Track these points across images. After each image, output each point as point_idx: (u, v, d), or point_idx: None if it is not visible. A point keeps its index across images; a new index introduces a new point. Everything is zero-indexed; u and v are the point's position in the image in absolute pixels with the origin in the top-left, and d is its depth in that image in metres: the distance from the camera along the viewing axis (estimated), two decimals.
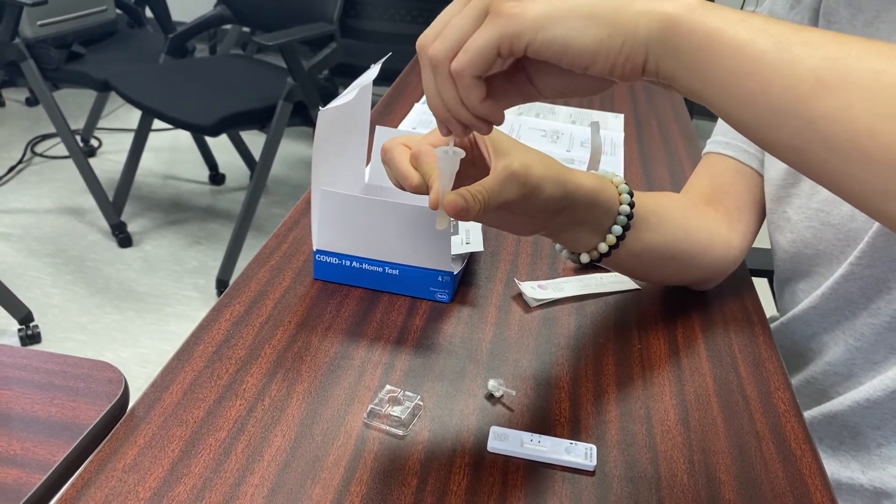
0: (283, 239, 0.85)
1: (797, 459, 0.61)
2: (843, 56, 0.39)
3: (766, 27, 0.42)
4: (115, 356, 1.97)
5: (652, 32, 0.44)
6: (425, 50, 0.48)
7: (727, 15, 0.43)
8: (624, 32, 0.44)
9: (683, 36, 0.44)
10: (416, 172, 0.58)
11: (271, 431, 0.59)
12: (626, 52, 0.45)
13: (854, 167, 0.39)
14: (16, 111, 3.34)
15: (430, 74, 0.49)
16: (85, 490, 0.53)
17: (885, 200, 0.39)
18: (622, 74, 0.46)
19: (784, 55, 0.41)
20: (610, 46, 0.45)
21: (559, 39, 0.45)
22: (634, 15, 0.45)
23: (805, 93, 0.40)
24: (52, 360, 0.66)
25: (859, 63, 0.39)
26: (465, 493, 0.55)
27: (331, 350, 0.69)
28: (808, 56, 0.40)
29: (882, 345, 0.71)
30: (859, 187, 0.40)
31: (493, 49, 0.46)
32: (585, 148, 1.15)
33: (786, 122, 0.41)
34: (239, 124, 2.29)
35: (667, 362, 0.71)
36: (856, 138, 0.38)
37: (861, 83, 0.39)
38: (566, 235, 0.66)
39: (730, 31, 0.42)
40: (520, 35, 0.45)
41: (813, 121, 0.40)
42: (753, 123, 0.43)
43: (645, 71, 0.46)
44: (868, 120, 0.38)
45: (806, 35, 0.41)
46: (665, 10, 0.44)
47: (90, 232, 2.51)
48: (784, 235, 0.80)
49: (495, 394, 0.64)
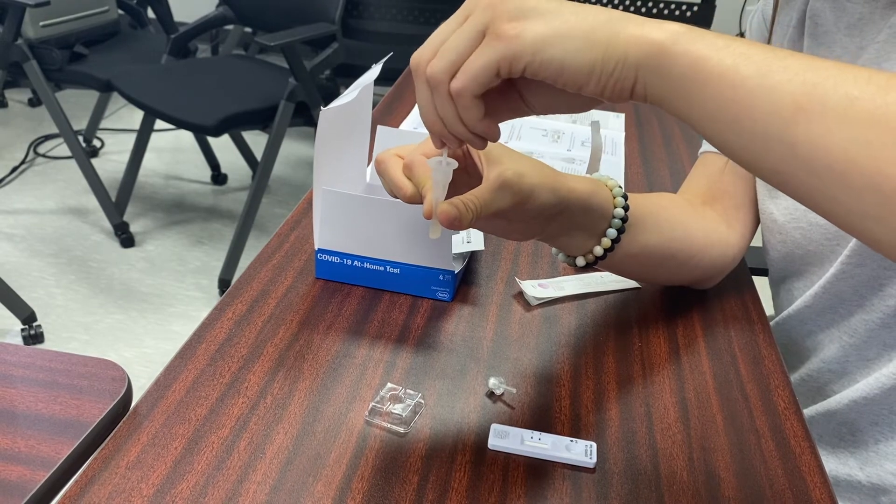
0: (285, 238, 0.85)
1: (796, 457, 0.61)
2: (821, 82, 0.41)
3: (748, 53, 0.43)
4: (118, 356, 1.97)
5: (641, 58, 0.46)
6: (421, 67, 0.49)
7: (713, 41, 0.45)
8: (616, 57, 0.46)
9: (670, 62, 0.45)
10: (409, 183, 0.59)
11: (273, 429, 0.60)
12: (617, 75, 0.47)
13: (833, 190, 0.41)
14: (19, 112, 3.35)
15: (426, 92, 0.50)
16: (89, 487, 0.53)
17: (863, 221, 0.40)
18: (611, 96, 0.48)
19: (765, 81, 0.42)
20: (603, 69, 0.46)
21: (556, 61, 0.46)
22: (625, 40, 0.46)
23: (786, 119, 0.41)
24: (56, 358, 0.66)
25: (836, 90, 0.40)
26: (465, 490, 0.56)
27: (332, 348, 0.69)
28: (789, 82, 0.42)
29: (875, 342, 0.72)
30: (839, 209, 0.41)
31: (492, 70, 0.47)
32: (586, 147, 1.15)
33: (769, 146, 0.43)
34: (241, 124, 2.29)
35: (667, 360, 0.71)
36: (834, 163, 0.40)
37: (838, 110, 0.40)
38: (562, 240, 0.67)
39: (714, 58, 0.44)
40: (519, 57, 0.46)
41: (794, 146, 0.41)
42: (738, 147, 0.45)
43: (634, 94, 0.48)
44: (845, 146, 0.40)
45: (787, 61, 0.42)
46: (653, 37, 0.46)
47: (93, 232, 2.51)
48: (774, 236, 0.80)
49: (496, 392, 0.65)
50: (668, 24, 0.46)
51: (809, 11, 0.76)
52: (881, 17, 0.69)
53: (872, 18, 0.70)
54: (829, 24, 0.74)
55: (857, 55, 0.71)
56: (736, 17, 3.28)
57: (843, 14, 0.72)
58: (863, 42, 0.71)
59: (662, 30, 0.46)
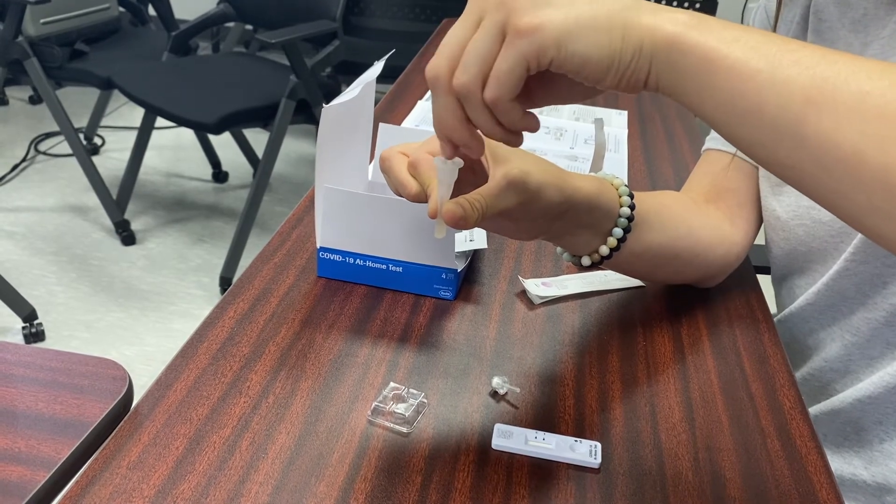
0: (287, 236, 0.85)
1: (802, 457, 0.60)
2: (832, 76, 0.41)
3: (759, 46, 0.43)
4: (119, 354, 1.97)
5: (654, 50, 0.46)
6: (441, 80, 0.47)
7: (723, 34, 0.44)
8: (632, 49, 0.46)
9: (681, 55, 0.45)
10: (414, 181, 0.58)
11: (276, 429, 0.59)
12: (633, 67, 0.46)
13: (842, 185, 0.41)
14: (19, 109, 3.34)
15: (449, 103, 0.48)
16: (89, 487, 0.53)
17: (871, 217, 0.40)
18: (626, 87, 0.47)
19: (776, 75, 0.42)
20: (621, 62, 0.46)
21: (580, 53, 0.45)
22: (640, 31, 0.46)
23: (796, 113, 0.41)
24: (57, 357, 0.66)
25: (847, 85, 0.40)
26: (469, 490, 0.55)
27: (335, 347, 0.69)
28: (799, 75, 0.41)
29: (878, 340, 0.71)
30: (848, 204, 0.41)
31: (523, 69, 0.46)
32: (589, 145, 1.15)
33: (779, 140, 0.42)
34: (242, 122, 2.29)
35: (671, 359, 0.70)
36: (844, 158, 0.40)
37: (849, 104, 0.40)
38: (567, 239, 0.66)
39: (724, 51, 0.44)
40: (545, 50, 0.45)
41: (804, 140, 0.41)
42: (748, 140, 0.44)
43: (647, 85, 0.47)
44: (855, 141, 0.39)
45: (798, 54, 0.42)
46: (665, 29, 0.45)
47: (94, 230, 2.51)
48: (777, 233, 0.80)
49: (499, 391, 0.64)
50: (679, 13, 0.46)
51: (813, 7, 0.76)
52: (886, 13, 0.68)
53: (877, 14, 0.69)
54: (833, 20, 0.73)
55: (861, 51, 0.70)
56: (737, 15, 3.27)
57: (848, 10, 0.72)
58: (867, 38, 0.70)
59: (675, 21, 0.45)
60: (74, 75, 2.49)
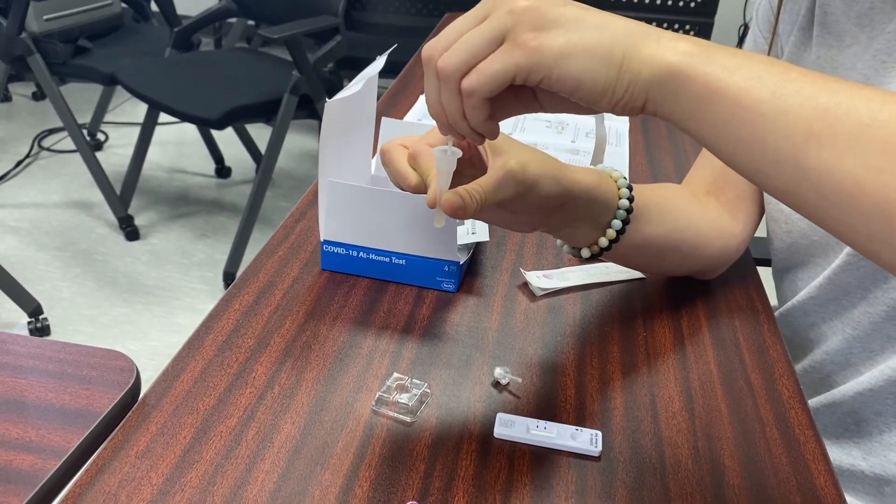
0: (291, 230, 0.86)
1: (801, 445, 0.61)
2: (833, 107, 0.42)
3: (761, 75, 0.44)
4: (123, 349, 1.96)
5: (653, 80, 0.47)
6: (432, 60, 0.49)
7: (725, 62, 0.45)
8: (629, 78, 0.47)
9: (682, 84, 0.46)
10: (413, 172, 0.59)
11: (281, 419, 0.60)
12: (628, 95, 0.47)
13: (842, 213, 0.42)
14: (23, 106, 3.35)
15: (434, 84, 0.50)
16: (99, 476, 0.54)
17: (870, 243, 0.42)
18: (623, 112, 0.49)
19: (778, 106, 0.43)
20: (616, 88, 0.47)
21: (573, 77, 0.47)
22: (639, 61, 0.47)
23: (798, 144, 0.42)
24: (65, 349, 0.67)
25: (848, 116, 0.41)
26: (472, 478, 0.56)
27: (339, 339, 0.69)
28: (801, 106, 0.42)
29: (879, 334, 0.72)
30: (847, 230, 0.43)
31: (508, 77, 0.47)
32: (590, 138, 1.15)
33: (780, 169, 0.43)
34: (244, 117, 2.30)
35: (671, 350, 0.71)
36: (844, 188, 0.41)
37: (849, 136, 0.41)
38: (566, 231, 0.67)
39: (726, 81, 0.45)
40: (536, 70, 0.46)
41: (805, 170, 0.42)
42: (748, 168, 0.45)
43: (644, 110, 0.49)
44: (855, 172, 0.41)
45: (800, 83, 0.43)
46: (666, 59, 0.46)
47: (98, 225, 2.52)
48: (780, 226, 0.80)
49: (501, 381, 0.65)
50: (682, 41, 0.47)
51: (819, 0, 0.76)
52: (892, 7, 0.69)
53: (883, 8, 0.69)
54: (839, 14, 0.74)
55: (867, 45, 0.71)
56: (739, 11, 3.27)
57: (854, 3, 0.72)
58: (873, 32, 0.70)
59: (676, 51, 0.46)
60: (78, 71, 2.50)
